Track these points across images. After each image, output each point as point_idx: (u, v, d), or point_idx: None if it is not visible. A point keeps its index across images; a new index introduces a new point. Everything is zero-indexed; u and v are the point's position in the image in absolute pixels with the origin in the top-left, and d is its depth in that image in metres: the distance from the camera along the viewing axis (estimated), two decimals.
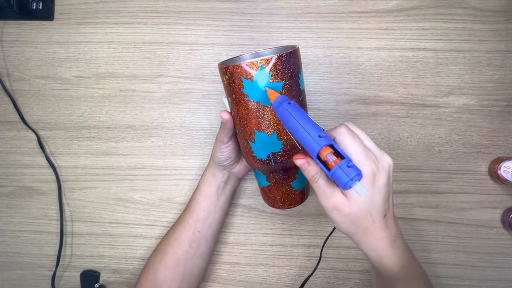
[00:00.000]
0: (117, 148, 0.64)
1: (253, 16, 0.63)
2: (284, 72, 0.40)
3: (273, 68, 0.39)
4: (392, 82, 0.62)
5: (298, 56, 0.42)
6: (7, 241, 0.66)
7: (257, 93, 0.40)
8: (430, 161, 0.62)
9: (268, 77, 0.39)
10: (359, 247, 0.39)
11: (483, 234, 0.61)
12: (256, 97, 0.40)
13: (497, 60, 0.61)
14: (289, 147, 0.43)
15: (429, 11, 0.62)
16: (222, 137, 0.49)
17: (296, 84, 0.42)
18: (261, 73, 0.39)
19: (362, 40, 0.62)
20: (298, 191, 0.50)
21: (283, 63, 0.39)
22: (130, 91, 0.64)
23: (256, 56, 0.47)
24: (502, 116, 0.61)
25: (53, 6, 0.65)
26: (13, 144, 0.66)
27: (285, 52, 0.40)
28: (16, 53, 0.65)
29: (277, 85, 0.40)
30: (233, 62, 0.46)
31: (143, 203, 0.64)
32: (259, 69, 0.39)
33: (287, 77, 0.40)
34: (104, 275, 0.64)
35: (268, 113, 0.41)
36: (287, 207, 0.51)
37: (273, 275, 0.63)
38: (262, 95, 0.40)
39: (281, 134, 0.42)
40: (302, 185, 0.50)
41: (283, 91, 0.40)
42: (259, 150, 0.44)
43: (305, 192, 0.52)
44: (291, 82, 0.41)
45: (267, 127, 0.42)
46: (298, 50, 0.42)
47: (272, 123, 0.42)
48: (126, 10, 0.64)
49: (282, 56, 0.39)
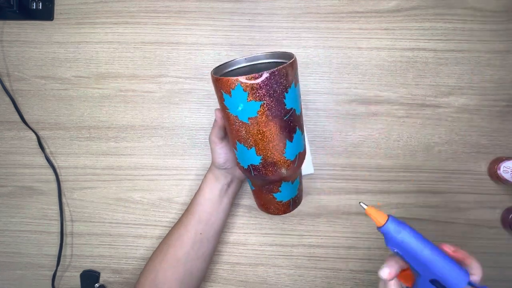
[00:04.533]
0: (117, 148, 0.64)
1: (253, 16, 0.63)
2: (262, 92, 0.38)
3: (249, 87, 0.37)
4: (392, 82, 0.62)
5: (285, 74, 0.38)
6: (7, 241, 0.66)
7: (236, 108, 0.39)
8: (430, 161, 0.62)
9: (245, 96, 0.38)
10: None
11: (483, 234, 0.61)
12: (235, 112, 0.40)
13: (497, 60, 0.61)
14: (268, 162, 0.42)
15: (429, 11, 0.62)
16: (213, 137, 0.49)
17: (279, 103, 0.39)
18: (238, 90, 0.38)
19: (362, 40, 0.62)
20: (281, 202, 0.50)
21: (262, 83, 0.37)
22: (130, 91, 0.64)
23: (252, 60, 0.46)
24: (502, 116, 0.61)
25: (53, 6, 0.65)
26: (13, 144, 0.66)
27: (265, 72, 0.37)
28: (16, 53, 0.65)
29: (254, 104, 0.38)
30: (227, 67, 0.46)
31: (143, 203, 0.64)
32: (236, 86, 0.37)
33: (267, 96, 0.38)
34: (104, 275, 0.64)
35: (246, 129, 0.40)
36: (271, 213, 0.52)
37: (273, 275, 0.63)
38: (241, 111, 0.39)
39: (259, 150, 0.42)
40: (286, 198, 0.49)
41: (261, 109, 0.38)
42: (240, 159, 0.45)
43: (291, 204, 0.51)
44: (271, 102, 0.38)
45: (245, 141, 0.42)
46: (286, 68, 0.38)
47: (251, 138, 0.41)
48: (126, 10, 0.64)
49: (258, 76, 0.37)
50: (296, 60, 0.41)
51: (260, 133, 0.40)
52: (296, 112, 0.41)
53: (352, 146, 0.62)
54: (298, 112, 0.42)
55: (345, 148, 0.62)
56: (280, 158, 0.42)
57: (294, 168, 0.44)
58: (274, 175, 0.44)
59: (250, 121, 0.39)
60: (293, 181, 0.48)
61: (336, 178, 0.62)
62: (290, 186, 0.48)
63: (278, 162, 0.42)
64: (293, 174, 0.46)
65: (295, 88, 0.40)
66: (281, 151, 0.42)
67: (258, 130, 0.40)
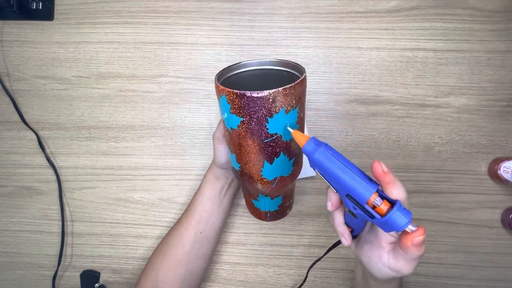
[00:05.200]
0: (117, 148, 0.64)
1: (253, 16, 0.63)
2: (243, 110, 0.36)
3: (231, 102, 0.36)
4: (392, 82, 0.62)
5: (272, 100, 0.35)
6: (7, 241, 0.66)
7: (222, 114, 0.40)
8: (430, 161, 0.62)
9: (228, 107, 0.37)
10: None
11: (483, 234, 0.61)
12: (222, 116, 0.40)
13: (497, 60, 0.61)
14: (245, 172, 0.42)
15: (429, 11, 0.62)
16: (218, 134, 0.49)
17: (260, 126, 0.37)
18: (223, 100, 0.37)
19: (362, 40, 0.62)
20: (259, 210, 0.50)
21: (243, 102, 0.35)
22: (130, 91, 0.64)
23: (263, 64, 0.43)
24: (502, 116, 0.61)
25: (53, 6, 0.65)
26: (13, 144, 0.66)
27: (248, 92, 0.35)
28: (16, 53, 0.65)
29: (235, 117, 0.37)
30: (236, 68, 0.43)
31: (143, 203, 0.64)
32: (222, 95, 0.37)
33: (247, 115, 0.36)
34: (104, 275, 0.64)
35: (229, 135, 0.40)
36: (253, 216, 0.52)
37: (273, 275, 0.63)
38: (226, 118, 0.39)
39: (238, 159, 0.41)
40: (263, 208, 0.50)
41: (241, 124, 0.37)
42: (230, 158, 0.45)
43: (268, 216, 0.51)
44: (251, 122, 0.36)
45: (229, 145, 0.42)
46: (274, 94, 0.34)
47: (232, 146, 0.41)
48: (126, 10, 0.64)
49: (240, 95, 0.35)
50: (299, 84, 0.36)
51: (239, 145, 0.40)
52: (282, 138, 0.38)
53: (352, 146, 0.62)
54: (287, 138, 0.39)
55: (345, 148, 0.62)
56: (256, 174, 0.41)
57: (272, 188, 0.43)
58: (250, 185, 0.43)
59: (232, 130, 0.39)
60: (273, 198, 0.47)
61: None
62: (269, 200, 0.47)
63: (254, 177, 0.42)
64: (271, 192, 0.45)
65: (286, 115, 0.37)
66: (258, 169, 0.41)
67: (238, 141, 0.40)
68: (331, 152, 0.33)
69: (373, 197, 0.32)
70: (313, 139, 0.34)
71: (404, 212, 0.32)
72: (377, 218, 0.32)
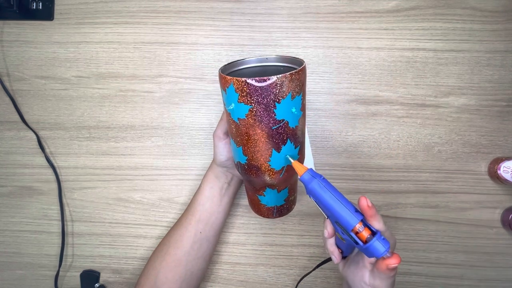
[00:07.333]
0: (117, 148, 0.64)
1: (253, 16, 0.63)
2: (252, 98, 0.37)
3: (239, 90, 0.37)
4: (392, 82, 0.62)
5: (279, 85, 0.37)
6: (7, 241, 0.66)
7: (229, 105, 0.40)
8: (430, 161, 0.62)
9: (236, 96, 0.38)
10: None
11: (483, 234, 0.61)
12: (228, 108, 0.40)
13: (497, 60, 0.61)
14: (252, 164, 0.42)
15: (429, 11, 0.62)
16: (219, 131, 0.49)
17: (268, 113, 0.38)
18: (231, 90, 0.38)
19: (362, 40, 0.62)
20: (265, 206, 0.50)
21: (252, 88, 0.37)
22: (130, 91, 0.64)
23: (261, 61, 0.45)
24: (502, 116, 0.61)
25: (53, 6, 0.65)
26: (13, 144, 0.66)
27: (256, 78, 0.36)
28: (16, 53, 0.65)
29: (243, 106, 0.38)
30: (238, 65, 0.45)
31: (143, 203, 0.64)
32: (229, 85, 0.38)
33: (255, 103, 0.38)
34: (104, 275, 0.64)
35: (236, 127, 0.41)
36: (255, 213, 0.52)
37: (273, 275, 0.63)
38: (232, 110, 0.39)
39: (245, 151, 0.42)
40: (270, 204, 0.49)
41: (249, 113, 0.38)
42: (234, 153, 0.45)
43: (275, 211, 0.51)
44: (260, 109, 0.38)
45: (235, 139, 0.42)
46: (282, 79, 0.37)
47: (239, 138, 0.41)
48: (126, 10, 0.64)
49: (249, 81, 0.36)
50: (302, 71, 0.39)
51: (247, 135, 0.40)
52: (289, 125, 0.40)
53: (352, 146, 0.62)
54: (293, 125, 0.40)
55: (345, 148, 0.62)
56: (264, 164, 0.42)
57: (279, 178, 0.43)
58: (257, 178, 0.44)
59: (239, 121, 0.40)
60: (280, 191, 0.47)
61: (336, 178, 0.62)
62: (276, 194, 0.47)
63: (262, 167, 0.42)
64: (278, 184, 0.45)
65: (292, 101, 0.39)
66: (266, 159, 0.42)
67: (245, 132, 0.40)
68: (324, 184, 0.39)
69: (358, 225, 0.37)
70: (310, 171, 0.39)
71: (383, 242, 0.36)
72: (360, 245, 0.37)
